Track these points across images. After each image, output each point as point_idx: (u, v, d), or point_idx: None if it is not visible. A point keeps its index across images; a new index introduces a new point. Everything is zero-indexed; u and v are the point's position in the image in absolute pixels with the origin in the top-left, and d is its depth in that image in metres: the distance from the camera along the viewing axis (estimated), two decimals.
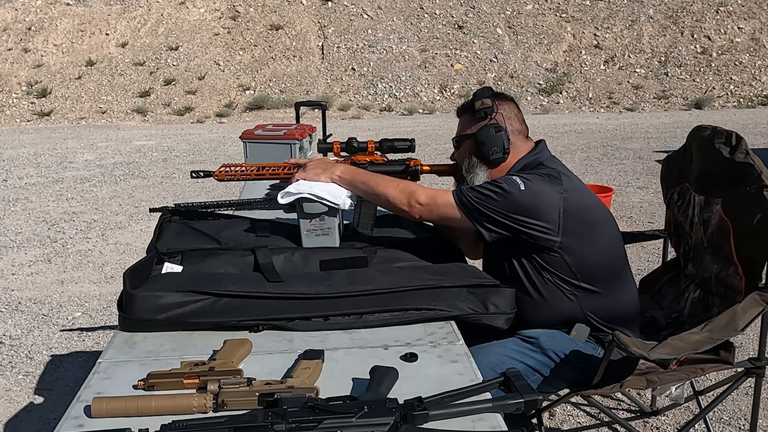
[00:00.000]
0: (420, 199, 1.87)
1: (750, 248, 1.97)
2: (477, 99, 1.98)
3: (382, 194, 1.89)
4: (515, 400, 1.24)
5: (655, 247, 4.72)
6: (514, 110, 2.02)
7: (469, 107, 2.01)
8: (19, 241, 5.60)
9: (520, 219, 1.83)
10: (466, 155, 2.00)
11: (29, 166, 8.93)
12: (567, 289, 1.91)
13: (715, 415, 2.84)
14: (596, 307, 1.94)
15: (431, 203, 1.87)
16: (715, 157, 2.11)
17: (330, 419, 1.13)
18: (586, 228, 1.91)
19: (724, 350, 2.01)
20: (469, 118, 2.01)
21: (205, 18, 16.71)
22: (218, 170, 2.04)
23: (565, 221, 1.85)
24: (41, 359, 3.52)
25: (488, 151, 1.94)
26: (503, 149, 1.94)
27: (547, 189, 1.86)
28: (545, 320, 1.94)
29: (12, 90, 14.79)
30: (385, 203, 1.91)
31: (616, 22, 16.54)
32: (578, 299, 1.92)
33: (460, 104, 2.09)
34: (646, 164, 8.10)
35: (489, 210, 1.82)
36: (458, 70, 15.61)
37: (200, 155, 9.49)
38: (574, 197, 1.89)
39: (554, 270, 1.90)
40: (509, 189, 1.82)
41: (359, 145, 2.10)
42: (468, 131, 1.99)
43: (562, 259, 1.88)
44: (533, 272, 1.91)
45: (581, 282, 1.91)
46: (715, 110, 14.00)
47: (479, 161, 1.97)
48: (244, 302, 1.58)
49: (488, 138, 1.93)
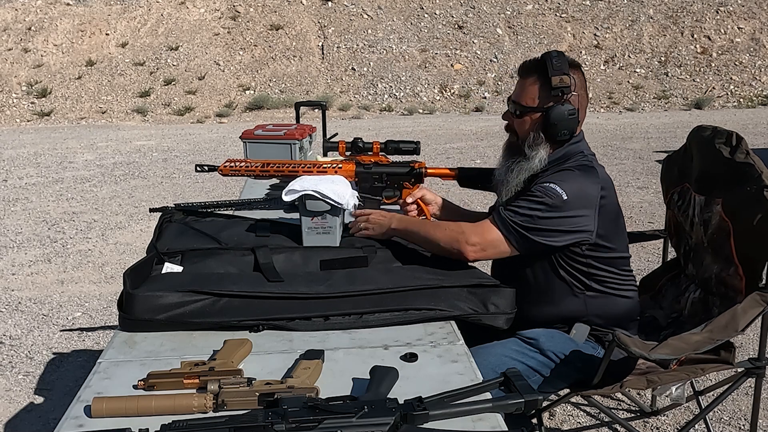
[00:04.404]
0: (470, 239, 1.81)
1: (750, 248, 1.97)
2: (554, 72, 1.83)
3: (433, 239, 1.85)
4: (515, 400, 1.24)
5: (655, 247, 4.72)
6: (584, 86, 1.93)
7: (541, 76, 1.86)
8: (19, 241, 5.60)
9: (567, 229, 1.81)
10: (530, 128, 1.89)
11: (29, 166, 8.93)
12: (577, 287, 1.91)
13: (715, 415, 2.84)
14: (600, 306, 1.94)
15: (482, 241, 1.81)
16: (715, 157, 2.11)
17: (330, 419, 1.13)
18: (612, 225, 1.91)
19: (725, 350, 2.01)
20: (539, 87, 1.87)
21: (205, 18, 16.71)
22: (223, 165, 2.04)
23: (599, 219, 1.85)
24: (41, 359, 3.52)
25: (558, 132, 1.86)
26: (572, 132, 1.89)
27: (586, 187, 1.84)
28: (548, 316, 1.94)
29: (12, 90, 14.78)
30: (438, 248, 1.85)
31: (616, 22, 16.54)
32: (584, 297, 1.92)
33: (526, 62, 1.94)
34: (646, 164, 8.10)
35: (537, 232, 1.79)
36: (458, 70, 15.61)
37: (200, 155, 9.49)
38: (609, 193, 1.89)
39: (571, 266, 1.88)
40: (554, 203, 1.79)
41: (364, 146, 2.10)
42: (539, 104, 1.87)
43: (585, 255, 1.87)
44: (550, 267, 1.89)
45: (591, 280, 1.91)
46: (715, 110, 14.00)
47: (545, 139, 1.89)
48: (244, 302, 1.58)
49: (562, 120, 1.85)
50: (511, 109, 1.95)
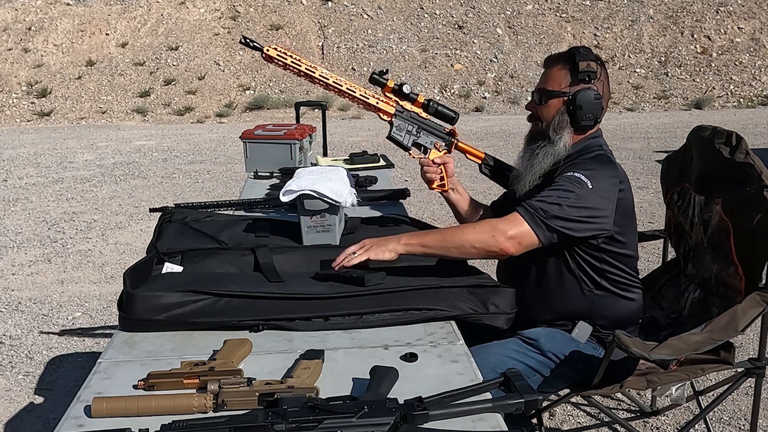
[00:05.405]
0: (507, 233, 1.72)
1: (750, 248, 1.97)
2: (582, 58, 1.87)
3: (463, 243, 1.73)
4: (515, 400, 1.24)
5: (655, 247, 4.72)
6: (608, 81, 1.95)
7: (569, 63, 1.90)
8: (19, 241, 5.60)
9: (590, 220, 1.78)
10: (555, 112, 1.90)
11: (29, 166, 8.93)
12: (586, 284, 1.90)
13: (715, 416, 2.84)
14: (605, 307, 1.93)
15: (518, 234, 1.73)
16: (715, 157, 2.11)
17: (330, 419, 1.13)
18: (627, 221, 1.91)
19: (725, 350, 2.01)
20: (565, 74, 1.90)
21: (205, 18, 16.70)
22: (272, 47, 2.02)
23: (617, 213, 1.84)
24: (41, 359, 3.52)
25: (583, 116, 1.87)
26: (596, 118, 1.89)
27: (608, 179, 1.83)
28: (553, 313, 1.93)
29: (12, 90, 14.78)
30: (471, 251, 1.74)
31: (616, 22, 16.54)
32: (592, 296, 1.91)
33: (552, 54, 1.99)
34: (646, 164, 8.10)
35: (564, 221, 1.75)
36: (458, 70, 15.61)
37: (200, 155, 9.49)
38: (626, 188, 1.89)
39: (585, 260, 1.87)
40: (581, 193, 1.77)
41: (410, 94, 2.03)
42: (565, 89, 1.89)
43: (599, 248, 1.86)
44: (563, 261, 1.88)
45: (601, 278, 1.90)
46: (715, 110, 14.00)
47: (569, 123, 1.90)
48: (244, 302, 1.57)
49: (587, 103, 1.86)
50: (536, 98, 1.96)
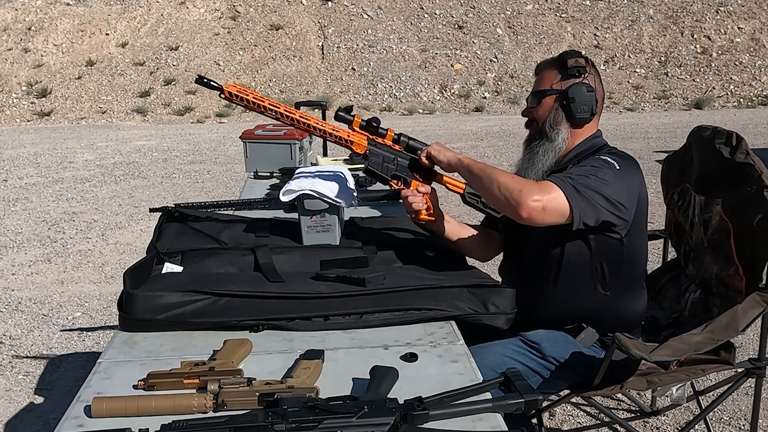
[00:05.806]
0: (534, 195, 1.65)
1: (750, 248, 1.97)
2: (569, 56, 1.91)
3: (495, 180, 1.71)
4: (515, 400, 1.24)
5: (655, 247, 4.69)
6: (600, 79, 1.95)
7: (557, 63, 1.93)
8: (19, 241, 5.60)
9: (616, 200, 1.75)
10: (550, 110, 1.91)
11: (29, 166, 8.93)
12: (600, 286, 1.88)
13: (715, 416, 2.84)
14: (615, 312, 1.91)
15: (545, 199, 1.66)
16: (715, 157, 2.11)
17: (330, 419, 1.13)
18: (642, 218, 1.89)
19: (725, 350, 2.01)
20: (555, 73, 1.92)
21: (205, 18, 16.70)
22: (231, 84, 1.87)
23: (636, 209, 1.83)
24: (41, 359, 3.52)
25: (577, 109, 1.87)
26: (591, 110, 1.89)
27: (632, 170, 1.83)
28: (562, 312, 1.90)
29: (12, 90, 14.78)
30: (494, 193, 1.71)
31: (616, 22, 16.54)
32: (605, 299, 1.89)
33: (541, 61, 2.02)
34: (646, 164, 8.10)
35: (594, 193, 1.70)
36: (458, 70, 15.61)
37: (200, 155, 9.49)
38: (643, 185, 1.88)
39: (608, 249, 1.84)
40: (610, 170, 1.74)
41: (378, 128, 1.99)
42: (555, 86, 1.91)
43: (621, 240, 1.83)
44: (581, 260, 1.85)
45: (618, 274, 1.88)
46: (715, 110, 14.00)
47: (565, 117, 1.90)
48: (244, 302, 1.57)
49: (580, 95, 1.87)
50: (529, 103, 1.97)
